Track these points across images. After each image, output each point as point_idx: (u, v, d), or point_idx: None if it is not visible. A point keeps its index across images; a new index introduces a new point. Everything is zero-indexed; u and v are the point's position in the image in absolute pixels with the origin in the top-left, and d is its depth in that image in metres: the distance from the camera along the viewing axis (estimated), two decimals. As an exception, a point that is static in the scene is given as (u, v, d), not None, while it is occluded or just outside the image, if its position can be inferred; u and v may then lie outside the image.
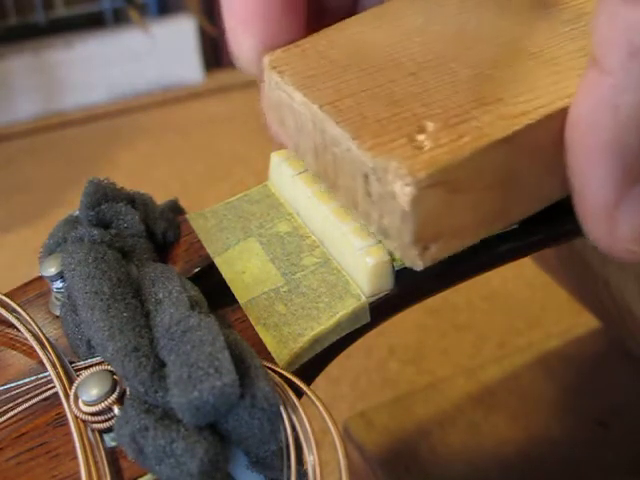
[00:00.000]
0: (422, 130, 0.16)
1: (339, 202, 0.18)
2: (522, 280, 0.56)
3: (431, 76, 0.17)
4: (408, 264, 0.17)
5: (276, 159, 0.21)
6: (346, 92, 0.17)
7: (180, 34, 0.96)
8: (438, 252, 0.16)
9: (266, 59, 0.19)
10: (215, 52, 1.00)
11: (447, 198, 0.15)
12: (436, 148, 0.15)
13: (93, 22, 0.95)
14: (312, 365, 0.17)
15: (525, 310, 0.53)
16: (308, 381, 0.17)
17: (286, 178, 0.20)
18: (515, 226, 0.18)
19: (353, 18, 0.19)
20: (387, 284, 0.18)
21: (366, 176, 0.16)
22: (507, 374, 0.38)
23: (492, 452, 0.34)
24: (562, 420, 0.34)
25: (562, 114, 0.16)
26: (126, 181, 0.20)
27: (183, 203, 0.22)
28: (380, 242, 0.17)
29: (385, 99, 0.17)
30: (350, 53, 0.18)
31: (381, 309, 0.18)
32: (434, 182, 0.15)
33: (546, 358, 0.38)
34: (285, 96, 0.18)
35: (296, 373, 0.16)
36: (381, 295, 0.18)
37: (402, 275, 0.18)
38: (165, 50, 0.95)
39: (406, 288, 0.18)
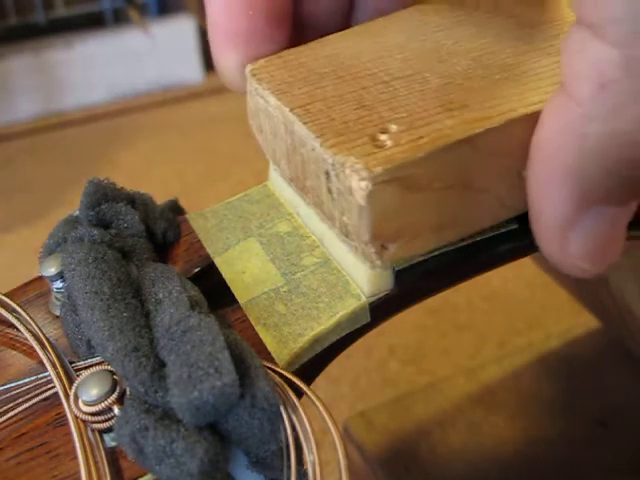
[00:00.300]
0: (385, 131, 0.16)
1: (308, 205, 0.18)
2: (522, 280, 0.56)
3: (402, 84, 0.17)
4: (368, 264, 0.17)
5: None
6: (319, 97, 0.17)
7: (180, 34, 0.96)
8: (397, 252, 0.16)
9: (248, 68, 0.19)
10: (215, 52, 1.00)
11: (404, 195, 0.16)
12: (396, 147, 0.16)
13: (93, 22, 0.95)
14: (312, 365, 0.17)
15: (525, 310, 0.53)
16: (308, 381, 0.17)
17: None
18: (515, 226, 0.18)
19: (338, 34, 0.20)
20: (387, 284, 0.18)
21: (327, 173, 0.16)
22: (507, 374, 0.38)
23: (492, 452, 0.34)
24: (562, 420, 0.35)
25: (525, 120, 0.16)
26: (126, 181, 0.20)
27: (183, 203, 0.22)
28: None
29: (354, 103, 0.17)
30: (330, 64, 0.19)
31: (381, 309, 0.18)
32: (390, 178, 0.15)
33: (546, 358, 0.38)
34: (262, 102, 0.18)
35: (296, 373, 0.16)
36: (381, 295, 0.18)
37: (402, 275, 0.18)
38: (165, 50, 0.95)
39: (406, 288, 0.18)
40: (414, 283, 0.18)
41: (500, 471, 0.33)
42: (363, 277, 0.18)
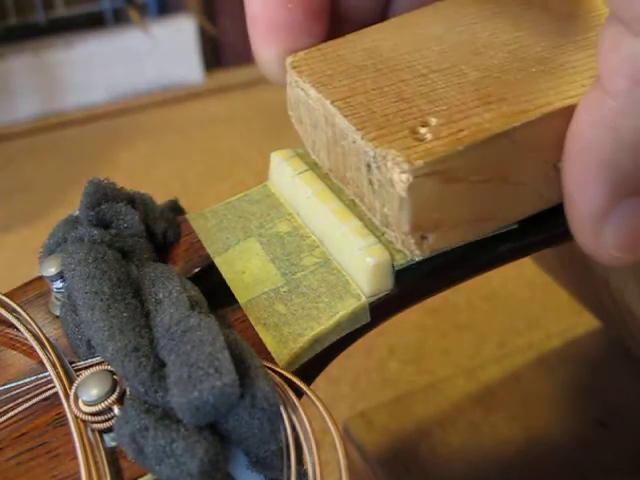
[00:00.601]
0: (425, 124, 0.16)
1: (349, 195, 0.19)
2: (522, 280, 0.56)
3: (441, 77, 0.18)
4: (408, 254, 0.17)
5: (276, 159, 0.21)
6: (359, 90, 0.18)
7: (180, 34, 0.96)
8: (436, 243, 0.17)
9: (288, 60, 0.19)
10: (215, 52, 1.00)
11: (444, 188, 0.16)
12: (436, 140, 0.16)
13: (93, 22, 0.95)
14: (312, 365, 0.17)
15: (525, 310, 0.53)
16: (308, 381, 0.17)
17: (286, 178, 0.20)
18: (515, 226, 0.18)
19: (375, 26, 0.20)
20: (387, 284, 0.18)
21: (369, 165, 0.17)
22: (507, 374, 0.38)
23: (492, 452, 0.34)
24: (562, 420, 0.34)
25: (562, 114, 0.16)
26: (126, 181, 0.20)
27: (183, 203, 0.22)
28: (380, 242, 0.18)
29: (394, 96, 0.17)
30: (369, 57, 0.19)
31: (381, 309, 0.18)
32: (430, 171, 0.15)
33: (546, 358, 0.38)
34: (302, 94, 0.19)
35: (296, 373, 0.16)
36: (381, 295, 0.18)
37: (402, 275, 0.18)
38: (165, 50, 0.95)
39: (406, 288, 0.18)
40: (414, 283, 0.18)
41: (500, 471, 0.33)
42: (363, 277, 0.18)
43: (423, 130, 0.16)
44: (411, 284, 0.18)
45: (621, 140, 0.15)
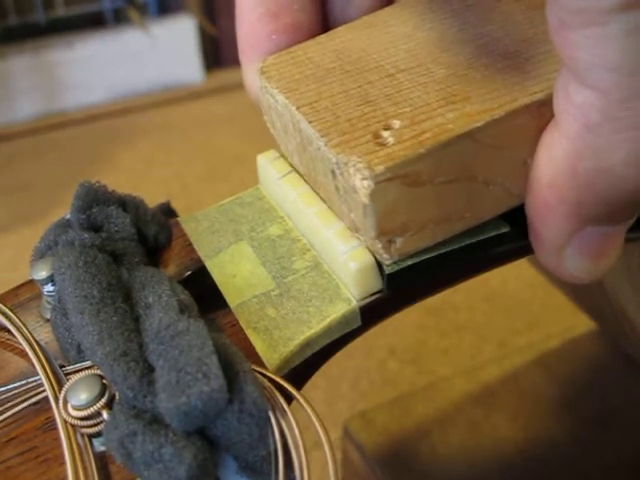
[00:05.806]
0: (388, 127, 0.16)
1: (322, 198, 0.19)
2: (522, 280, 0.56)
3: (407, 77, 0.17)
4: (378, 258, 0.17)
5: (262, 161, 0.20)
6: (325, 94, 0.17)
7: (180, 34, 0.96)
8: (404, 246, 0.17)
9: (259, 65, 0.19)
10: (215, 52, 1.00)
11: (408, 192, 0.16)
12: (398, 144, 0.16)
13: (93, 22, 0.96)
14: (302, 369, 0.17)
15: (525, 310, 0.53)
16: (299, 385, 0.17)
17: (272, 181, 0.20)
18: (506, 229, 0.18)
19: (345, 26, 0.20)
20: (375, 286, 0.18)
21: (333, 172, 0.16)
22: (507, 374, 0.38)
23: (492, 452, 0.34)
24: (562, 420, 0.34)
25: (525, 111, 0.16)
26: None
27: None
28: (362, 244, 0.18)
29: (359, 99, 0.17)
30: (337, 58, 0.19)
31: (372, 312, 0.18)
32: (392, 176, 0.15)
33: (546, 358, 0.38)
34: (272, 100, 0.18)
35: (286, 377, 0.16)
36: (372, 299, 0.18)
37: (393, 278, 0.18)
38: (165, 50, 0.95)
39: (397, 291, 0.18)
40: (405, 286, 0.18)
41: (500, 471, 0.33)
42: (350, 281, 0.17)
43: (386, 134, 0.16)
44: (402, 287, 0.18)
45: (579, 179, 0.15)
